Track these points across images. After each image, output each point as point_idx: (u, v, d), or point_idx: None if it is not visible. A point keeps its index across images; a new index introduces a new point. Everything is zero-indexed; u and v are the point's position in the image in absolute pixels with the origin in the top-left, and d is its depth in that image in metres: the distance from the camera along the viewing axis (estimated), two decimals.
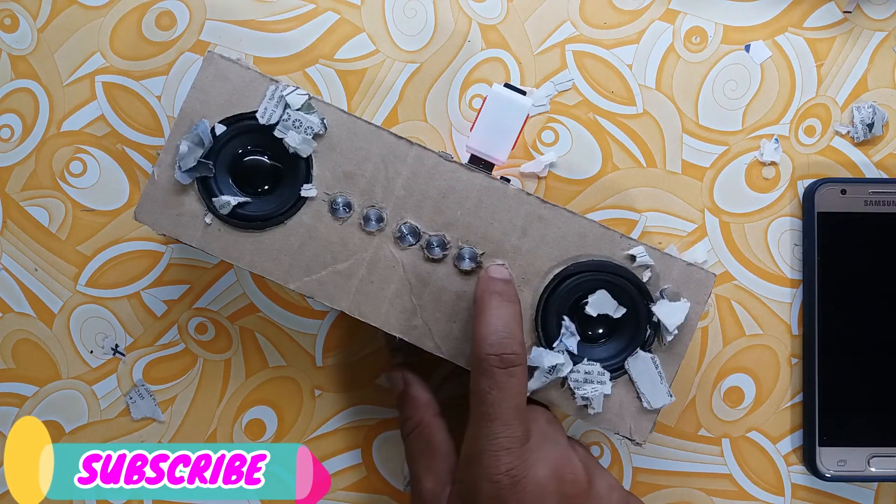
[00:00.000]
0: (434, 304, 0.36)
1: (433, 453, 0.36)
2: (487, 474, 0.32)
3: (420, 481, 0.36)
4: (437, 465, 0.36)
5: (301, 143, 0.35)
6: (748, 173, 0.42)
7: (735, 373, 0.42)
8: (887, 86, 0.43)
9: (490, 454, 0.32)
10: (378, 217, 0.36)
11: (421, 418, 0.37)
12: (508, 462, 0.32)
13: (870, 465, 0.41)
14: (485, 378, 0.33)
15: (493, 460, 0.32)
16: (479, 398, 0.33)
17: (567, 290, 0.36)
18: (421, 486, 0.36)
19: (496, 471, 0.32)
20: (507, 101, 0.36)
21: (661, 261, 0.36)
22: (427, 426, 0.37)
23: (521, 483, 0.32)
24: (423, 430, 0.37)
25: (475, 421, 0.33)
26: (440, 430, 0.37)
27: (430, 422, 0.37)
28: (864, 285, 0.42)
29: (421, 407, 0.38)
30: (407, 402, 0.38)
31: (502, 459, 0.32)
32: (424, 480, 0.36)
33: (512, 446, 0.33)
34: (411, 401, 0.38)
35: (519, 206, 0.36)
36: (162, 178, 0.36)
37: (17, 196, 0.43)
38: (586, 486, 0.34)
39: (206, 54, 0.36)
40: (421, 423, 0.37)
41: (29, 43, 0.43)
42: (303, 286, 0.36)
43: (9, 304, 0.43)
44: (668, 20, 0.43)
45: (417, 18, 0.43)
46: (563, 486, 0.33)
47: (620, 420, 0.36)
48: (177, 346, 0.43)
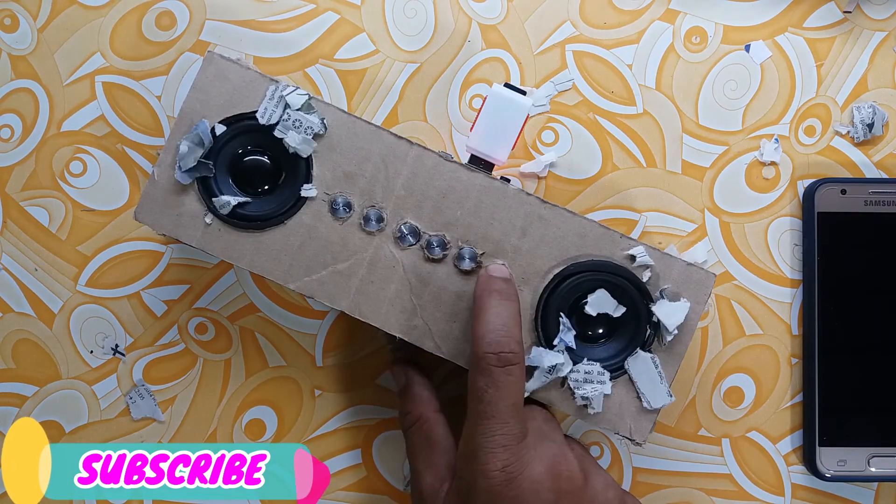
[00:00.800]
0: (434, 304, 0.36)
1: (433, 448, 0.36)
2: (484, 471, 0.33)
3: (419, 476, 0.36)
4: (436, 461, 0.36)
5: (301, 143, 0.35)
6: (748, 173, 0.42)
7: (735, 373, 0.42)
8: (887, 86, 0.43)
9: (487, 451, 0.33)
10: (378, 217, 0.36)
11: (421, 413, 0.38)
12: (504, 459, 0.33)
13: (870, 465, 0.41)
14: (482, 376, 0.33)
15: (490, 457, 0.33)
16: (476, 396, 0.33)
17: (567, 289, 0.36)
18: (420, 480, 0.36)
19: (492, 467, 0.32)
20: (507, 101, 0.36)
21: (661, 261, 0.36)
22: (427, 421, 0.37)
23: (517, 479, 0.32)
24: (424, 425, 0.37)
25: (472, 418, 0.33)
26: (440, 426, 0.37)
27: (430, 417, 0.37)
28: (864, 285, 0.42)
29: (422, 402, 0.38)
30: (408, 397, 0.39)
31: (498, 456, 0.33)
32: (424, 475, 0.36)
33: (508, 443, 0.33)
34: (412, 396, 0.38)
35: (519, 206, 0.36)
36: (162, 178, 0.36)
37: (17, 196, 0.43)
38: (582, 483, 0.34)
39: (206, 54, 0.36)
40: (421, 417, 0.37)
41: (29, 43, 0.43)
42: (303, 286, 0.36)
43: (9, 304, 0.43)
44: (668, 20, 0.43)
45: (417, 18, 0.43)
46: (558, 483, 0.33)
47: (620, 420, 0.36)
48: (177, 346, 0.43)
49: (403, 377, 0.39)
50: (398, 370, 0.40)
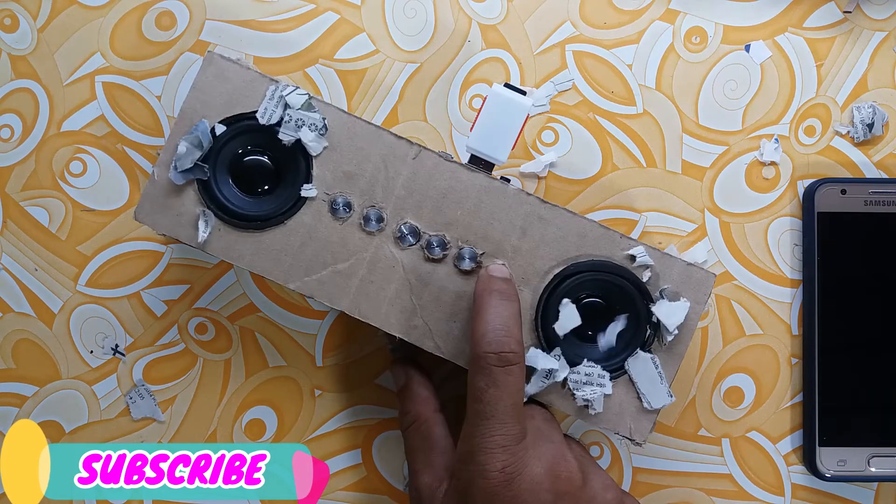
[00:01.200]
0: (434, 304, 0.36)
1: (431, 448, 0.36)
2: (482, 471, 0.32)
3: (417, 475, 0.36)
4: (434, 460, 0.36)
5: (314, 141, 0.35)
6: (748, 173, 0.42)
7: (735, 373, 0.42)
8: (887, 86, 0.42)
9: (486, 451, 0.33)
10: (378, 217, 0.36)
11: (419, 412, 0.38)
12: (504, 459, 0.32)
13: (870, 465, 0.41)
14: (482, 376, 0.33)
15: (489, 457, 0.32)
16: (475, 396, 0.33)
17: (567, 289, 0.36)
18: (418, 480, 0.36)
19: (491, 468, 0.32)
20: (508, 101, 0.36)
21: (660, 261, 0.36)
22: (426, 421, 0.37)
23: (516, 480, 0.32)
24: (422, 425, 0.37)
25: (472, 418, 0.33)
26: (439, 426, 0.37)
27: (429, 417, 0.37)
28: (863, 285, 0.42)
29: (421, 401, 0.38)
30: (407, 397, 0.39)
31: (497, 457, 0.32)
32: (421, 475, 0.36)
33: (507, 444, 0.33)
34: (412, 395, 0.38)
35: (519, 206, 0.36)
36: (162, 178, 0.36)
37: (17, 196, 0.43)
38: (581, 484, 0.34)
39: (206, 54, 0.36)
40: (419, 417, 0.37)
41: (29, 43, 0.43)
42: (303, 286, 0.36)
43: (9, 304, 0.43)
44: (668, 20, 0.43)
45: (417, 18, 0.43)
46: (557, 484, 0.33)
47: (620, 420, 0.36)
48: (177, 346, 0.43)
49: (403, 377, 0.39)
50: (398, 369, 0.40)
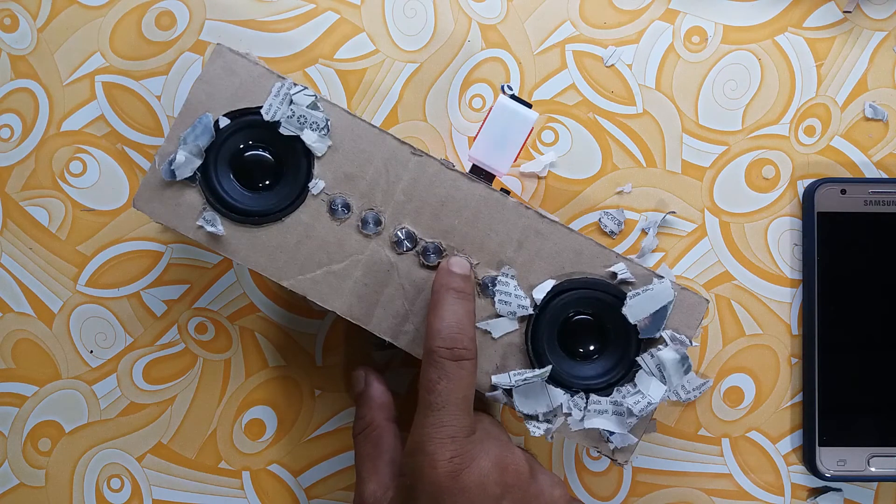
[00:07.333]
0: (426, 311, 0.36)
1: (379, 455, 0.36)
2: (431, 461, 0.32)
3: (363, 483, 0.36)
4: (381, 469, 0.36)
5: (317, 141, 0.35)
6: (748, 173, 0.42)
7: (735, 373, 0.42)
8: (887, 86, 0.42)
9: (436, 441, 0.33)
10: (376, 220, 0.36)
11: (372, 419, 0.37)
12: (453, 450, 0.33)
13: (870, 465, 0.41)
14: (434, 369, 0.33)
15: (439, 447, 0.32)
16: (427, 387, 0.33)
17: (559, 305, 0.36)
18: (363, 487, 0.36)
19: (440, 457, 0.32)
20: (513, 113, 0.36)
21: (651, 282, 0.35)
22: (377, 428, 0.37)
23: (465, 472, 0.32)
24: (373, 432, 0.37)
25: (422, 411, 0.33)
26: (390, 434, 0.37)
27: (381, 424, 0.37)
28: (863, 285, 0.42)
29: (375, 408, 0.38)
30: (363, 402, 0.38)
31: (447, 447, 0.33)
32: (367, 482, 0.36)
33: (457, 435, 0.33)
34: (367, 400, 0.38)
35: (517, 219, 0.36)
36: (163, 168, 0.36)
37: (17, 196, 0.43)
38: (528, 478, 0.34)
39: (216, 47, 0.36)
40: (371, 423, 0.37)
41: (29, 43, 0.43)
42: (296, 284, 0.36)
43: (9, 304, 0.43)
44: (668, 20, 0.42)
45: (417, 18, 0.43)
46: (505, 476, 0.33)
47: (601, 441, 0.36)
48: (177, 346, 0.43)
49: (362, 382, 0.39)
50: (358, 374, 0.39)
